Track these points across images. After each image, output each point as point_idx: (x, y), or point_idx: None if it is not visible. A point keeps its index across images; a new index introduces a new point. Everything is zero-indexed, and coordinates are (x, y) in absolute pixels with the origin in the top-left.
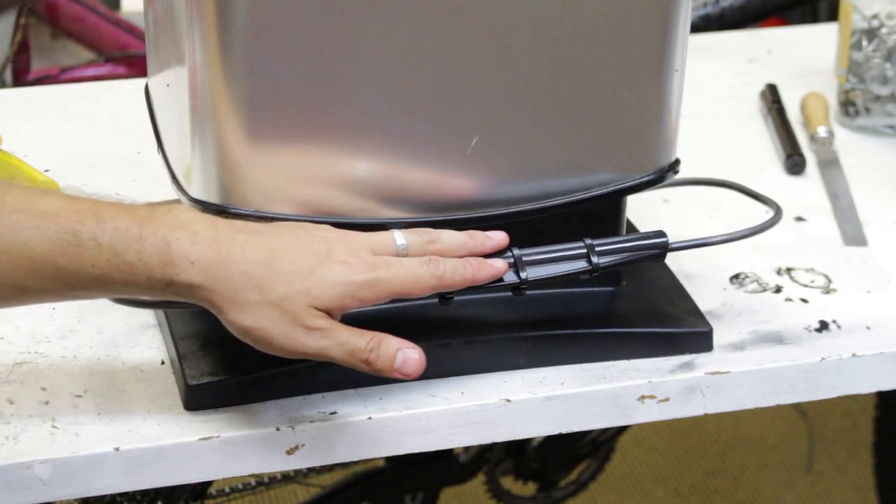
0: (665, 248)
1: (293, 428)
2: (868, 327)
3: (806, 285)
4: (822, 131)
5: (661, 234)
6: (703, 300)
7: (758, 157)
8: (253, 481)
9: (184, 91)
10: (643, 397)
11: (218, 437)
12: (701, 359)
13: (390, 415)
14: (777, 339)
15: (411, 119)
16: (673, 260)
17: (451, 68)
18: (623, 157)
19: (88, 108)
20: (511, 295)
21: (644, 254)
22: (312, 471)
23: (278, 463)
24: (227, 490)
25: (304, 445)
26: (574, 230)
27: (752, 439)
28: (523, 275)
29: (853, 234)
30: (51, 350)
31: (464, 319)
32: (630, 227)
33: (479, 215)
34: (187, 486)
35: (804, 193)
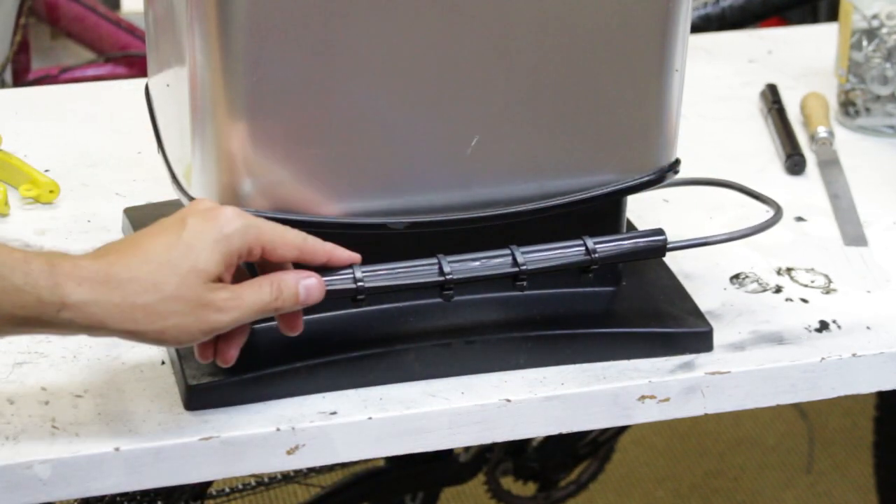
0: (664, 244)
1: (293, 428)
2: (868, 327)
3: (806, 285)
4: (822, 131)
5: (660, 231)
6: (703, 300)
7: (758, 157)
8: (253, 481)
9: (184, 91)
10: (643, 397)
11: (218, 437)
12: (701, 359)
13: (390, 415)
14: (777, 339)
15: (411, 119)
16: (673, 260)
17: (452, 68)
18: (623, 157)
19: (88, 108)
20: (511, 295)
21: (643, 246)
22: (312, 471)
23: (278, 463)
24: (227, 490)
25: (304, 445)
26: (574, 230)
27: (752, 439)
28: (520, 259)
29: (853, 235)
30: (51, 350)
31: (464, 319)
32: (630, 226)
33: (480, 215)
34: (187, 486)
35: (804, 193)
